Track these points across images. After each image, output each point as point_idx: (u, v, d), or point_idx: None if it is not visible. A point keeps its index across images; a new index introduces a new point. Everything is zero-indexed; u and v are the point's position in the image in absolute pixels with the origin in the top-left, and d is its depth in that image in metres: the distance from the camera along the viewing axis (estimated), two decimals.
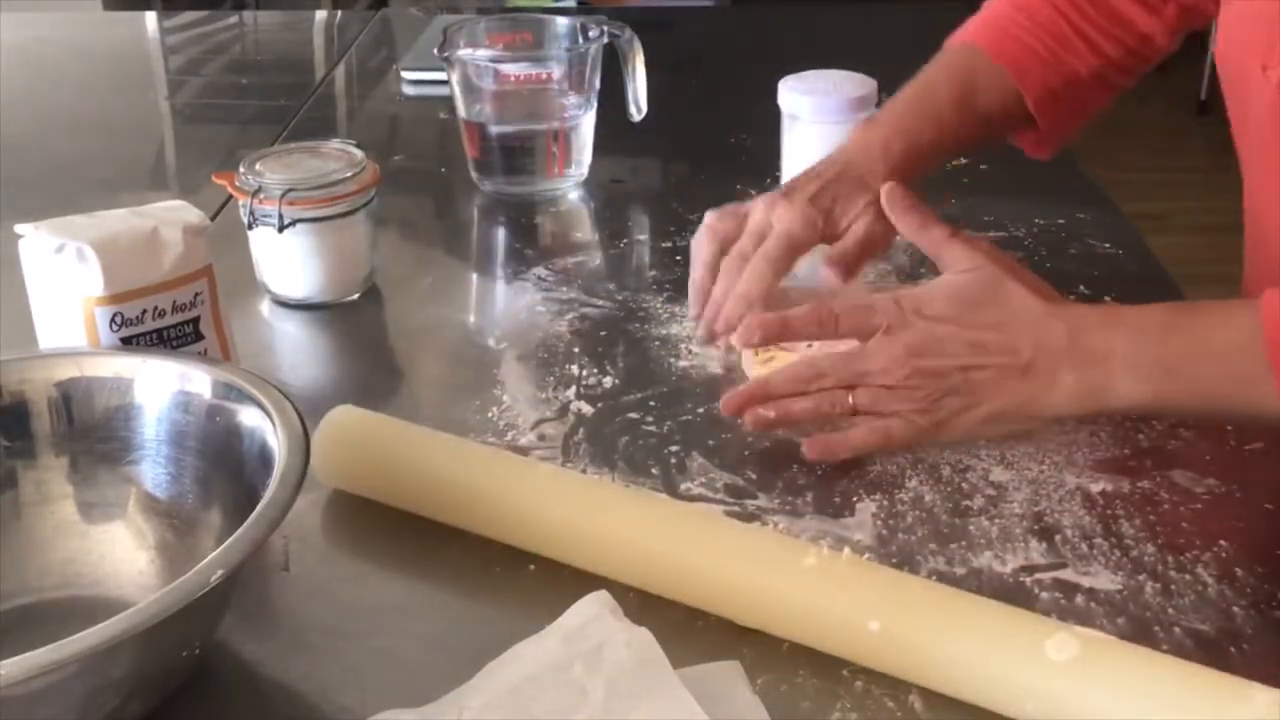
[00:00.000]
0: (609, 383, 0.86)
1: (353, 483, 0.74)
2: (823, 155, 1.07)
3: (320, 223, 0.93)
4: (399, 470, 0.72)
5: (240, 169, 0.94)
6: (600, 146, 1.17)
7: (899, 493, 0.74)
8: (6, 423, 0.68)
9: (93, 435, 0.69)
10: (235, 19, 1.87)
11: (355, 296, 0.98)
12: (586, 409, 0.83)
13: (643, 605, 0.64)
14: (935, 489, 0.74)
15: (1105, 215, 1.09)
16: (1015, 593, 0.66)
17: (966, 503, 0.73)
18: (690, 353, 0.89)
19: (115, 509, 0.69)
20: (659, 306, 0.95)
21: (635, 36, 1.14)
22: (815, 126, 1.07)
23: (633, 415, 0.82)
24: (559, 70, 1.13)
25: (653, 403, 0.83)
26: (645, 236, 1.09)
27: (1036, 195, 1.10)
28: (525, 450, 0.78)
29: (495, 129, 1.13)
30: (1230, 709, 0.54)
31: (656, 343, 0.91)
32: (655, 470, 0.76)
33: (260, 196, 0.92)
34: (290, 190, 0.92)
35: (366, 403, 0.76)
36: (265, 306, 0.97)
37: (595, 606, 0.59)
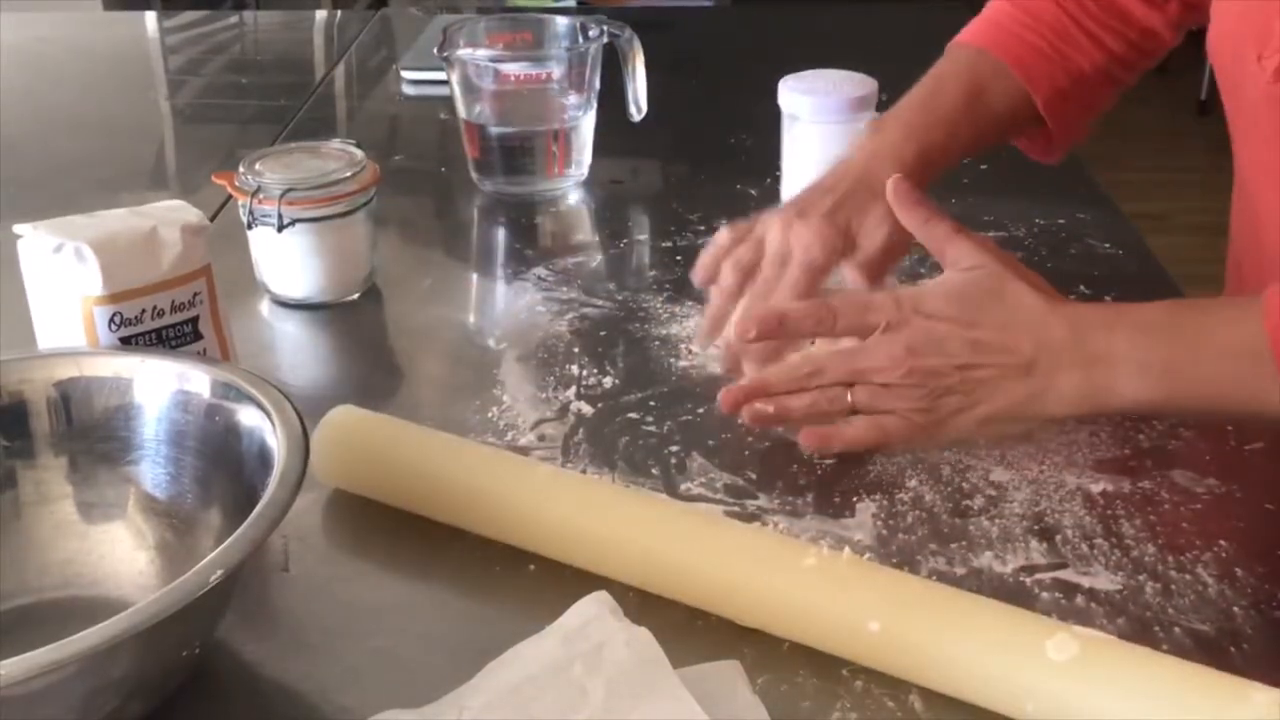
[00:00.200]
0: (609, 383, 0.86)
1: (353, 483, 0.74)
2: (823, 155, 1.08)
3: (320, 222, 0.93)
4: (399, 470, 0.72)
5: (240, 169, 0.94)
6: (600, 146, 1.17)
7: (899, 493, 0.74)
8: (6, 423, 0.68)
9: (92, 435, 0.69)
10: (235, 19, 1.87)
11: (355, 296, 0.98)
12: (586, 409, 0.83)
13: (643, 605, 0.64)
14: (935, 489, 0.74)
15: (1105, 215, 1.09)
16: (1015, 593, 0.66)
17: (967, 503, 0.73)
18: (690, 353, 0.89)
19: (115, 509, 0.69)
20: (659, 306, 0.95)
21: (635, 36, 1.14)
22: (815, 126, 1.07)
23: (633, 415, 0.82)
24: (559, 70, 1.13)
25: (653, 403, 0.83)
26: (645, 236, 1.09)
27: (1036, 195, 1.10)
28: (525, 450, 0.78)
29: (495, 129, 1.13)
30: (1230, 709, 0.54)
31: (656, 343, 0.91)
32: (655, 470, 0.76)
33: (260, 196, 0.92)
34: (290, 190, 0.92)
35: (366, 403, 0.76)
36: (265, 306, 0.97)
37: (595, 606, 0.59)
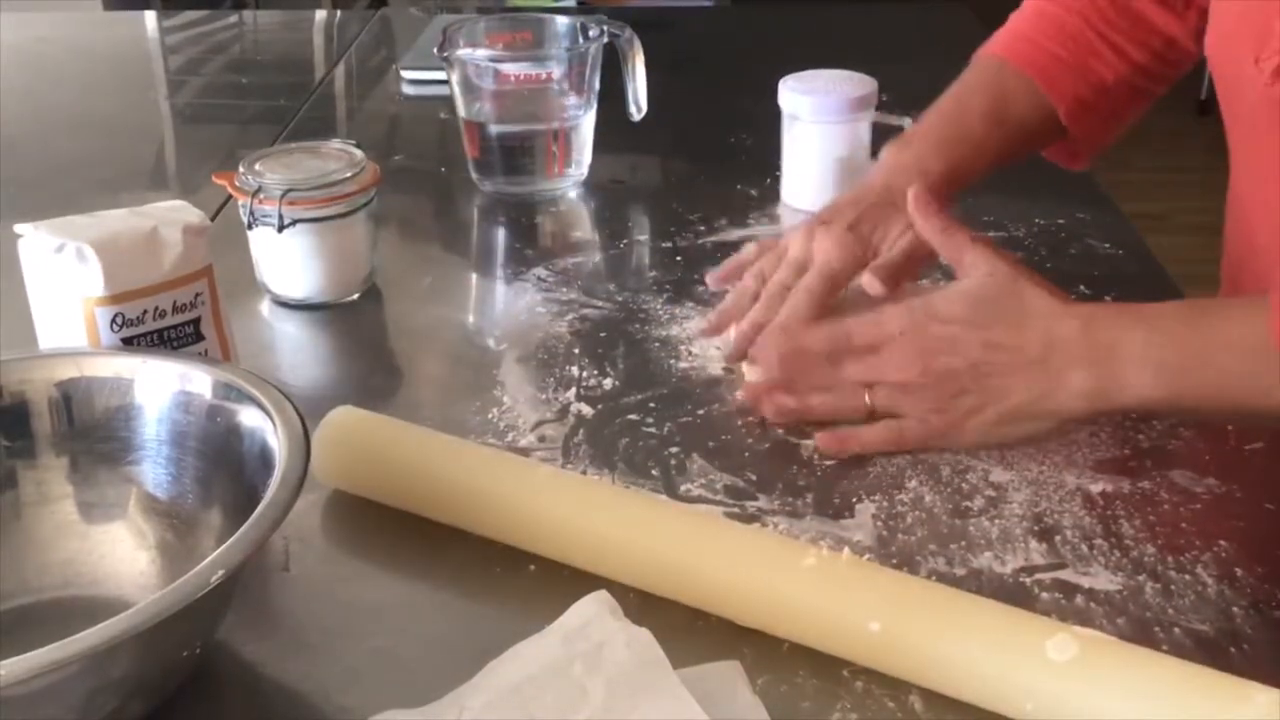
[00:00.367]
0: (609, 384, 0.86)
1: (353, 483, 0.74)
2: (823, 155, 1.08)
3: (320, 223, 0.93)
4: (399, 470, 0.72)
5: (240, 169, 0.94)
6: (600, 146, 1.17)
7: (899, 493, 0.74)
8: (6, 423, 0.68)
9: (93, 435, 0.69)
10: (235, 19, 1.87)
11: (355, 296, 0.98)
12: (586, 410, 0.83)
13: (643, 605, 0.65)
14: (935, 489, 0.74)
15: (1105, 215, 1.09)
16: (1015, 593, 0.66)
17: (966, 503, 0.73)
18: (690, 354, 0.89)
19: (115, 509, 0.69)
20: (659, 307, 0.95)
21: (635, 36, 1.14)
22: (815, 126, 1.07)
23: (633, 416, 0.82)
24: (559, 70, 1.13)
25: (653, 404, 0.83)
26: (645, 236, 1.09)
27: (1036, 195, 1.10)
28: (525, 451, 0.78)
29: (495, 129, 1.13)
30: (1230, 709, 0.54)
31: (656, 344, 0.91)
32: (655, 471, 0.77)
33: (260, 196, 0.92)
34: (290, 190, 0.92)
35: (366, 403, 0.76)
36: (265, 306, 0.97)
37: (595, 606, 0.59)
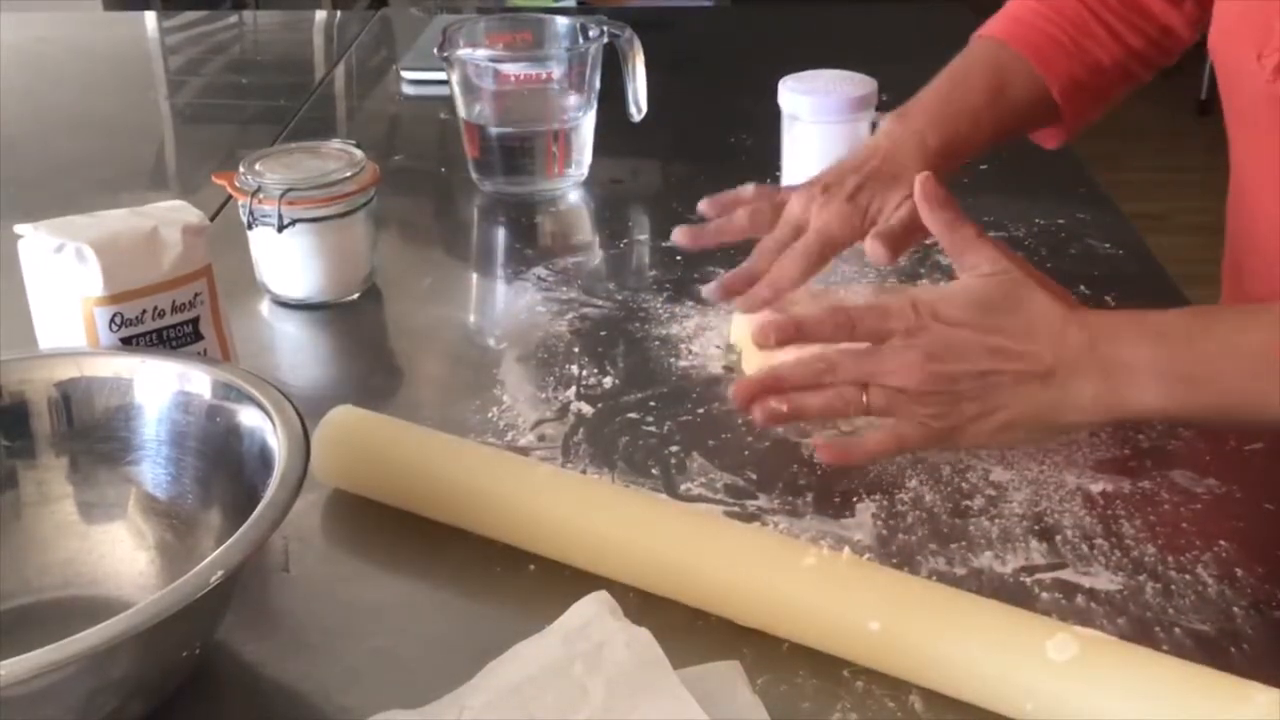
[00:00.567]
0: (609, 383, 0.86)
1: (353, 483, 0.74)
2: (823, 155, 1.08)
3: (320, 223, 0.93)
4: (399, 470, 0.72)
5: (240, 169, 0.94)
6: (600, 146, 1.17)
7: (899, 493, 0.74)
8: (6, 423, 0.68)
9: (93, 435, 0.69)
10: (235, 19, 1.87)
11: (355, 296, 0.98)
12: (586, 409, 0.83)
13: (643, 605, 0.64)
14: (935, 489, 0.74)
15: (1105, 215, 1.09)
16: (1015, 593, 0.66)
17: (966, 503, 0.73)
18: (690, 353, 0.89)
19: (115, 509, 0.69)
20: (659, 306, 0.95)
21: (635, 36, 1.14)
22: (815, 126, 1.07)
23: (632, 415, 0.82)
24: (559, 70, 1.13)
25: (652, 403, 0.83)
26: (645, 236, 1.09)
27: (1036, 195, 1.10)
28: (525, 450, 0.78)
29: (495, 129, 1.13)
30: (1230, 709, 0.54)
31: (656, 343, 0.91)
32: (655, 470, 0.76)
33: (260, 196, 0.92)
34: (290, 190, 0.92)
35: (366, 403, 0.76)
36: (265, 306, 0.97)
37: (595, 606, 0.59)
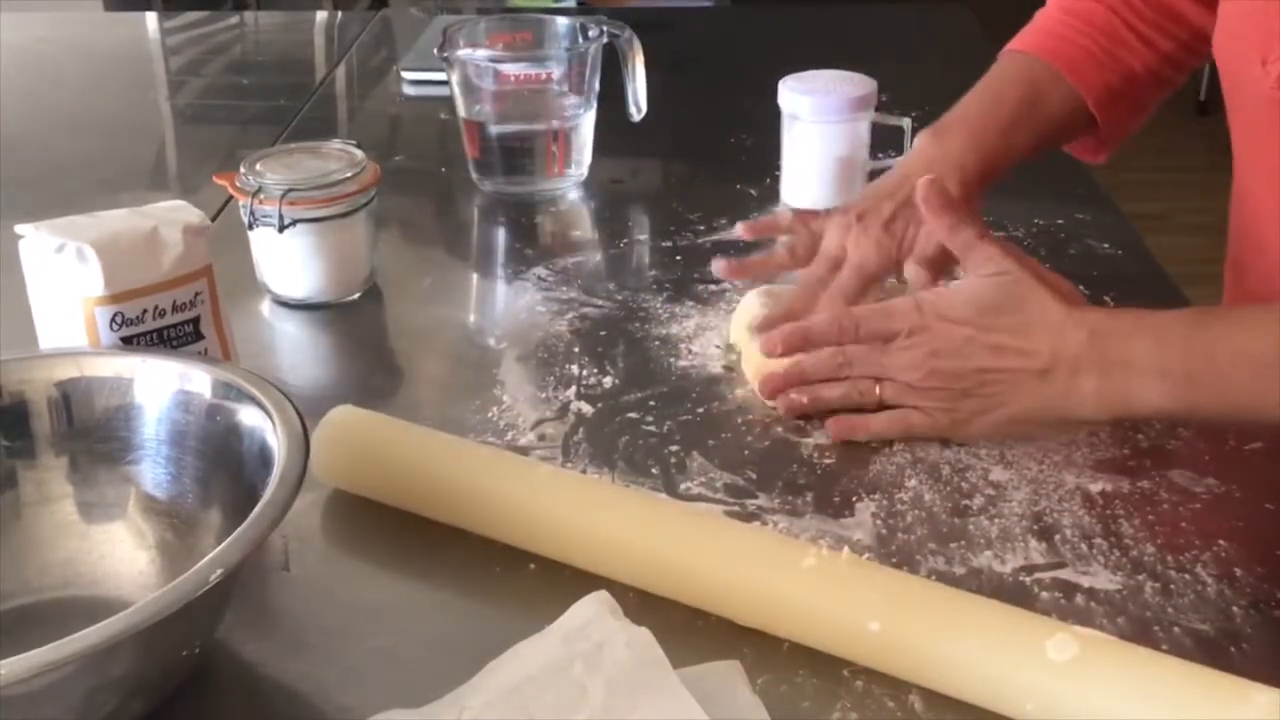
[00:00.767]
0: (609, 383, 0.86)
1: (353, 483, 0.74)
2: (823, 155, 1.08)
3: (320, 223, 0.93)
4: (399, 470, 0.72)
5: (240, 169, 0.94)
6: (600, 146, 1.17)
7: (899, 493, 0.74)
8: (6, 423, 0.68)
9: (93, 435, 0.69)
10: (235, 19, 1.87)
11: (355, 296, 0.98)
12: (586, 409, 0.83)
13: (643, 605, 0.64)
14: (935, 489, 0.74)
15: (1105, 215, 1.09)
16: (1015, 593, 0.66)
17: (966, 502, 0.73)
18: (690, 353, 0.89)
19: (115, 509, 0.69)
20: (659, 306, 0.95)
21: (635, 36, 1.14)
22: (815, 126, 1.07)
23: (632, 415, 0.82)
24: (559, 70, 1.13)
25: (652, 403, 0.83)
26: (645, 236, 1.09)
27: (1036, 195, 1.10)
28: (525, 450, 0.78)
29: (495, 129, 1.13)
30: (1230, 709, 0.54)
31: (656, 343, 0.91)
32: (655, 470, 0.76)
33: (260, 197, 0.92)
34: (290, 190, 0.92)
35: (366, 403, 0.76)
36: (265, 306, 0.97)
37: (595, 606, 0.59)
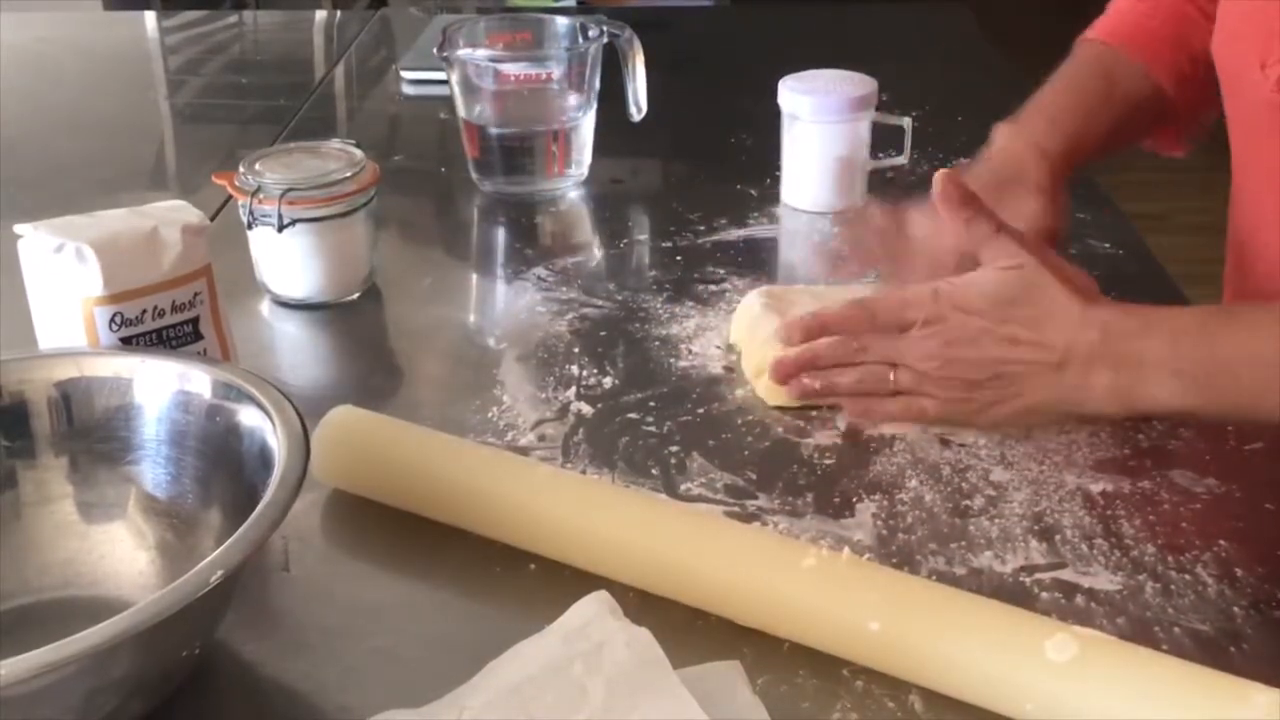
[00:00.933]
0: (609, 383, 0.86)
1: (353, 483, 0.74)
2: (823, 155, 1.08)
3: (320, 222, 0.93)
4: (399, 470, 0.72)
5: (240, 169, 0.94)
6: (600, 146, 1.17)
7: (899, 493, 0.74)
8: (6, 423, 0.68)
9: (92, 435, 0.69)
10: (235, 19, 1.87)
11: (355, 296, 0.98)
12: (586, 409, 0.83)
13: (643, 605, 0.64)
14: (935, 489, 0.74)
15: (1105, 215, 1.08)
16: (1015, 593, 0.66)
17: (966, 503, 0.73)
18: (690, 353, 0.89)
19: (115, 509, 0.69)
20: (659, 306, 0.95)
21: (635, 36, 1.14)
22: (815, 126, 1.07)
23: (632, 415, 0.82)
24: (559, 70, 1.13)
25: (652, 403, 0.83)
26: (645, 236, 1.09)
27: None
28: (525, 450, 0.78)
29: (495, 129, 1.13)
30: (1230, 709, 0.54)
31: (656, 343, 0.91)
32: (655, 470, 0.76)
33: (260, 196, 0.92)
34: (290, 190, 0.92)
35: (366, 403, 0.76)
36: (265, 306, 0.97)
37: (595, 606, 0.59)
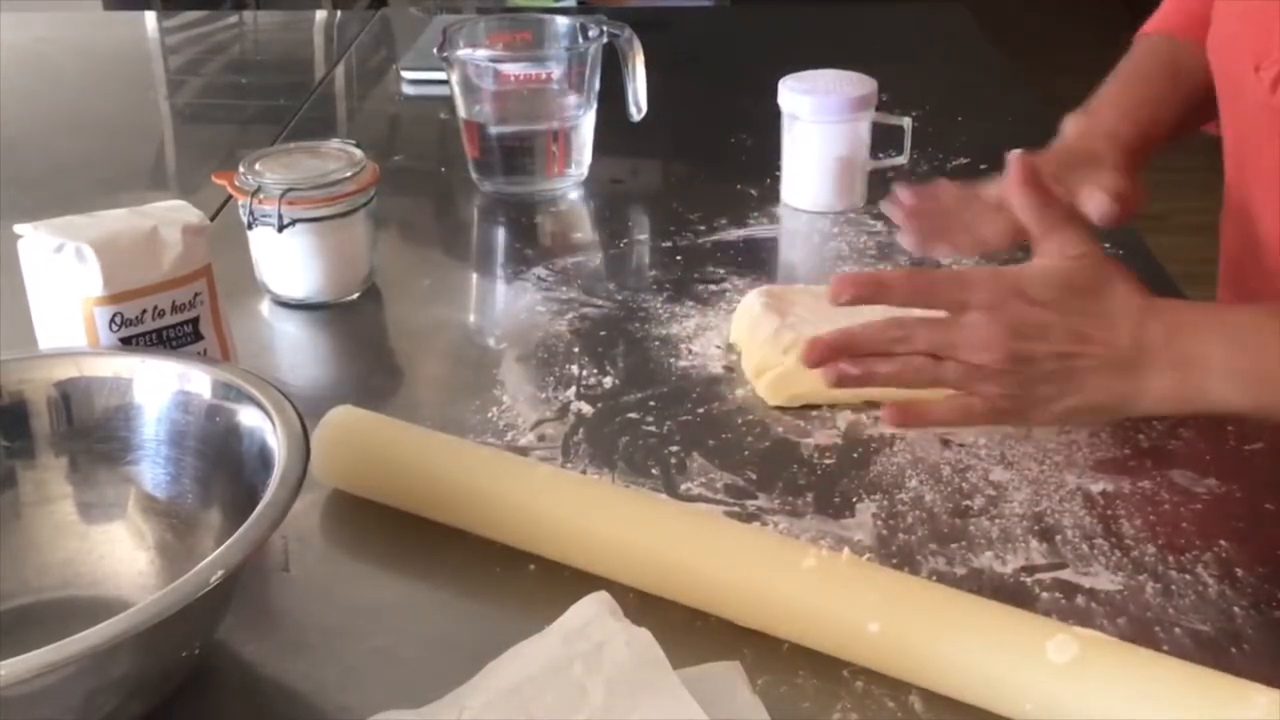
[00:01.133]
0: (609, 383, 0.86)
1: (352, 483, 0.74)
2: (823, 155, 1.08)
3: (320, 222, 0.93)
4: (399, 470, 0.72)
5: (240, 169, 0.94)
6: (600, 146, 1.17)
7: (899, 493, 0.74)
8: (6, 423, 0.68)
9: (92, 435, 0.69)
10: (235, 19, 1.87)
11: (355, 296, 0.98)
12: (586, 409, 0.83)
13: (643, 605, 0.64)
14: (935, 489, 0.74)
15: None
16: (1015, 593, 0.66)
17: (966, 503, 0.73)
18: (690, 353, 0.89)
19: (115, 509, 0.69)
20: (659, 306, 0.95)
21: (635, 36, 1.14)
22: (815, 126, 1.07)
23: (632, 415, 0.82)
24: (559, 70, 1.13)
25: (652, 403, 0.83)
26: (645, 236, 1.09)
27: None
28: (525, 450, 0.78)
29: (495, 129, 1.13)
30: (1230, 709, 0.54)
31: (656, 343, 0.91)
32: (655, 470, 0.76)
33: (260, 196, 0.92)
34: (290, 190, 0.92)
35: (366, 403, 0.76)
36: (265, 306, 0.97)
37: (595, 606, 0.59)
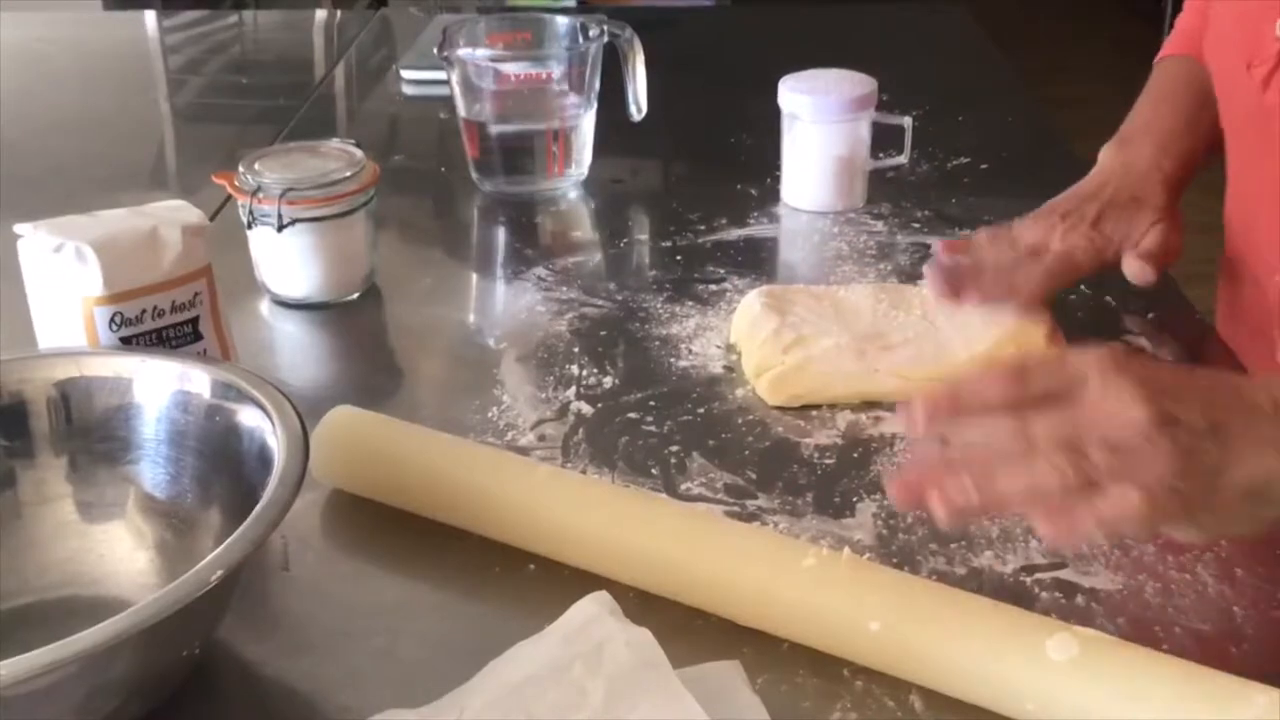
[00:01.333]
0: (609, 383, 0.86)
1: (352, 483, 0.74)
2: (823, 154, 1.08)
3: (319, 222, 0.93)
4: (399, 470, 0.72)
5: (240, 168, 0.94)
6: (600, 146, 1.17)
7: None
8: (6, 423, 0.68)
9: (92, 435, 0.69)
10: (235, 19, 1.87)
11: (355, 296, 0.98)
12: (586, 409, 0.83)
13: (643, 605, 0.64)
14: None
15: None
16: (1015, 593, 0.66)
17: None
18: (690, 353, 0.89)
19: (115, 509, 0.69)
20: (659, 306, 0.95)
21: (635, 36, 1.14)
22: (815, 126, 1.07)
23: (632, 415, 0.82)
24: (559, 70, 1.13)
25: (652, 403, 0.83)
26: (645, 236, 1.09)
27: (1036, 195, 1.09)
28: (525, 450, 0.78)
29: (495, 129, 1.13)
30: (1230, 709, 0.54)
31: (656, 343, 0.91)
32: (655, 470, 0.76)
33: (259, 196, 0.92)
34: (289, 190, 0.92)
35: (366, 403, 0.76)
36: (265, 306, 0.97)
37: (595, 606, 0.59)
